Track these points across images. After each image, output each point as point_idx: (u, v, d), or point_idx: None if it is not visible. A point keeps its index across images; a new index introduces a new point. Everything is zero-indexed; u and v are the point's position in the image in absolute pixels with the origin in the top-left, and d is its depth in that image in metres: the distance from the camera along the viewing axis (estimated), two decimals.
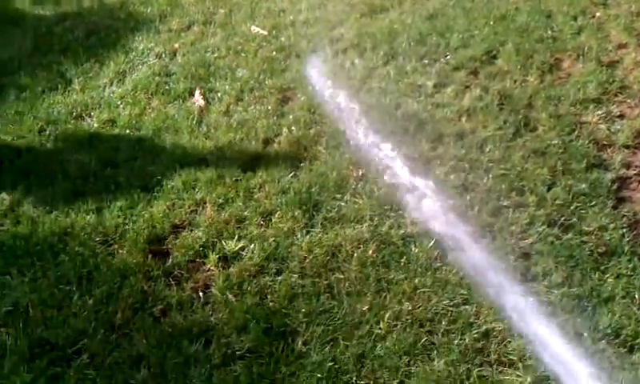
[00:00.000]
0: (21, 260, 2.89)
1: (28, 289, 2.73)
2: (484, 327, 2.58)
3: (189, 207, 3.19)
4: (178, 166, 3.47)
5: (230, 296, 2.69)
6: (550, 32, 4.75)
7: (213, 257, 2.86)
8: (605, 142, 3.58)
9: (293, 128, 3.81)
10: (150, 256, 2.89)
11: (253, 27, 5.08)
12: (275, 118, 3.91)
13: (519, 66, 4.30)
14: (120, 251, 2.94)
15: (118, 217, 3.12)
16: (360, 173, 3.41)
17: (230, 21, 5.30)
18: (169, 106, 4.08)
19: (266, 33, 4.98)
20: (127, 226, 3.07)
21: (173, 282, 2.77)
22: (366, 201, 3.19)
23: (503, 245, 2.93)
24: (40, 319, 2.59)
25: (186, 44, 4.96)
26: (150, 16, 5.57)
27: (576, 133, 3.64)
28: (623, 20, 4.92)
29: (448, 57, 4.47)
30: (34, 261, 2.88)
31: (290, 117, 3.90)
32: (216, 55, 4.75)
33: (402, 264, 2.84)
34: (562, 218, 3.06)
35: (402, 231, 3.01)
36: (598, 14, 5.05)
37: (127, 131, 3.84)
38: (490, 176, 3.34)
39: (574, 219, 3.06)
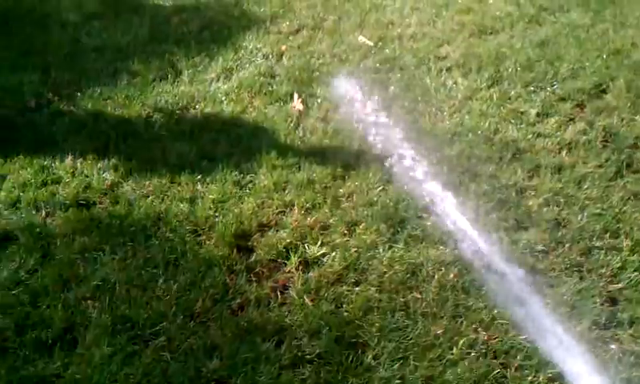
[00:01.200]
0: (114, 239, 3.04)
1: (117, 267, 2.88)
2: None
3: (277, 208, 3.26)
4: (271, 166, 3.56)
5: (307, 300, 2.73)
6: None
7: (294, 259, 2.91)
8: None
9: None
10: (235, 250, 2.98)
11: (360, 37, 5.13)
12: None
13: (629, 104, 4.14)
14: (207, 242, 3.04)
15: (210, 209, 3.24)
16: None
17: (339, 28, 5.37)
18: (269, 107, 4.19)
19: (372, 44, 5.02)
20: (217, 219, 3.17)
21: (254, 279, 2.84)
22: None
23: (591, 286, 2.83)
24: (125, 297, 2.72)
25: (294, 47, 5.07)
26: (262, 16, 5.72)
27: None
28: None
29: (555, 86, 4.35)
30: (126, 241, 3.03)
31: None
32: (321, 61, 4.82)
33: (483, 292, 2.79)
34: None
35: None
36: None
37: (228, 127, 3.97)
38: (585, 214, 3.23)
39: None
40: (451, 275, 2.86)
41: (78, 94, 4.31)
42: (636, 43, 5.04)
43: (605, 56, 4.78)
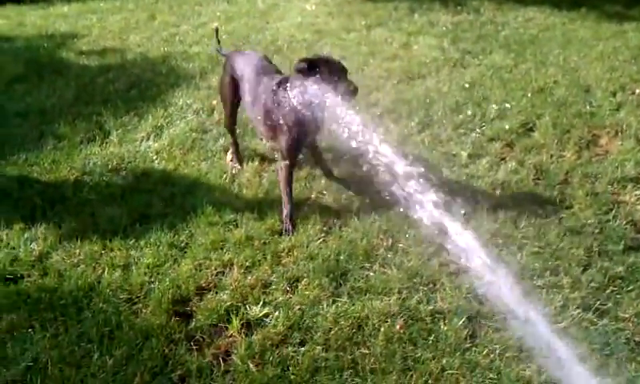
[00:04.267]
0: (44, 314, 2.88)
1: (49, 345, 2.71)
2: None
3: (215, 268, 3.16)
4: (207, 224, 3.47)
5: (251, 365, 2.63)
6: (588, 107, 4.72)
7: (236, 322, 2.81)
8: None
9: (324, 192, 3.79)
10: (173, 317, 2.86)
11: None
12: (306, 181, 3.90)
13: (556, 141, 4.26)
14: (144, 311, 2.91)
15: (145, 274, 3.11)
16: (390, 242, 3.36)
17: None
18: (203, 163, 4.11)
19: None
20: (153, 285, 3.05)
21: (194, 347, 2.72)
22: (395, 272, 3.13)
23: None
24: (58, 378, 2.56)
25: None
26: (191, 72, 5.69)
27: (613, 212, 3.55)
28: None
29: (484, 127, 4.45)
30: (57, 316, 2.87)
31: (322, 181, 3.88)
32: None
33: (430, 342, 2.75)
34: (598, 302, 2.95)
35: (431, 307, 2.93)
36: (637, 91, 5.02)
37: (160, 186, 3.86)
38: (524, 253, 3.26)
39: (610, 304, 2.95)
40: (397, 326, 2.81)
41: (2, 161, 4.13)
42: (558, 81, 5.24)
43: (529, 95, 4.93)
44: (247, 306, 2.92)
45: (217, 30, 4.60)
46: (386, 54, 5.98)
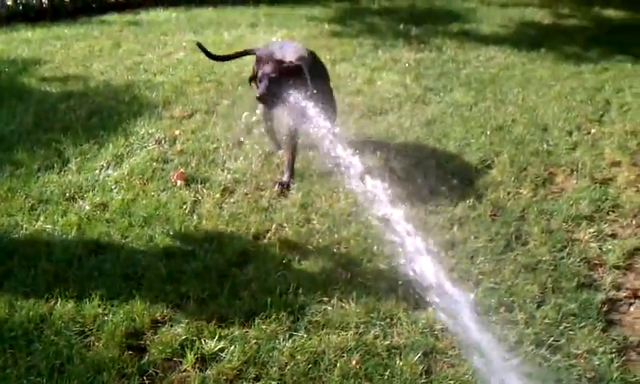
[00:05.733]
0: None
1: None
2: None
3: (171, 301, 3.11)
4: (165, 256, 3.43)
5: None
6: (545, 146, 4.83)
7: (190, 357, 2.76)
8: (596, 261, 3.55)
9: (285, 224, 3.79)
10: (126, 351, 2.80)
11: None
12: (267, 213, 3.90)
13: (513, 178, 4.34)
14: (96, 344, 2.84)
15: (98, 306, 3.04)
16: (349, 275, 3.37)
17: (232, 112, 5.38)
18: (162, 194, 4.08)
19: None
20: (106, 318, 2.98)
21: (147, 382, 2.66)
22: (354, 306, 3.13)
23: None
24: None
25: (187, 132, 5.03)
26: (154, 101, 5.67)
27: (567, 250, 3.62)
28: (617, 138, 5.02)
29: (445, 162, 4.51)
30: (5, 348, 2.78)
31: (283, 213, 3.89)
32: (215, 145, 4.79)
33: (386, 378, 2.74)
34: (551, 339, 2.99)
35: (387, 342, 2.93)
36: (592, 131, 5.16)
37: (118, 217, 3.81)
38: (480, 288, 3.29)
39: (563, 340, 2.99)
40: (354, 362, 2.80)
41: None
42: (516, 119, 5.36)
43: (488, 132, 5.03)
44: (202, 340, 2.87)
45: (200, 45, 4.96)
46: (350, 88, 6.06)
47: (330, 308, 3.13)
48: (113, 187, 4.16)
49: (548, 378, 2.78)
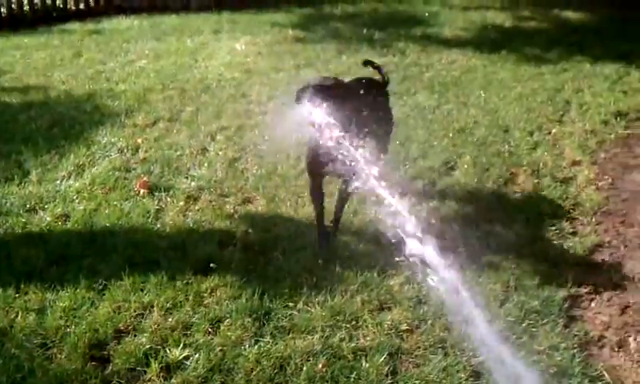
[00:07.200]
0: None
1: None
2: None
3: (135, 310, 3.08)
4: (128, 265, 3.39)
5: None
6: (506, 146, 4.90)
7: (155, 366, 2.73)
8: (558, 259, 3.60)
9: (250, 231, 3.78)
10: (89, 362, 2.76)
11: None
12: (232, 220, 3.88)
13: (476, 179, 4.39)
14: (59, 356, 2.80)
15: (60, 318, 3.00)
16: (314, 280, 3.37)
17: (196, 119, 5.36)
18: (125, 203, 4.04)
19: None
20: (69, 329, 2.94)
21: None
22: (319, 310, 3.13)
23: (454, 362, 2.87)
24: None
25: (150, 140, 4.98)
26: (117, 110, 5.61)
27: (529, 248, 3.67)
28: (577, 137, 5.11)
29: (407, 166, 4.54)
30: None
31: (248, 220, 3.88)
32: (179, 153, 4.76)
33: (352, 380, 2.75)
34: (514, 336, 3.03)
35: (353, 344, 2.94)
36: (553, 131, 5.25)
37: (80, 227, 3.76)
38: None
39: (526, 337, 3.03)
40: (320, 365, 2.80)
41: None
42: (478, 121, 5.43)
43: (451, 135, 5.09)
44: (167, 349, 2.85)
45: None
46: None
47: (295, 313, 3.13)
48: (74, 197, 4.10)
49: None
